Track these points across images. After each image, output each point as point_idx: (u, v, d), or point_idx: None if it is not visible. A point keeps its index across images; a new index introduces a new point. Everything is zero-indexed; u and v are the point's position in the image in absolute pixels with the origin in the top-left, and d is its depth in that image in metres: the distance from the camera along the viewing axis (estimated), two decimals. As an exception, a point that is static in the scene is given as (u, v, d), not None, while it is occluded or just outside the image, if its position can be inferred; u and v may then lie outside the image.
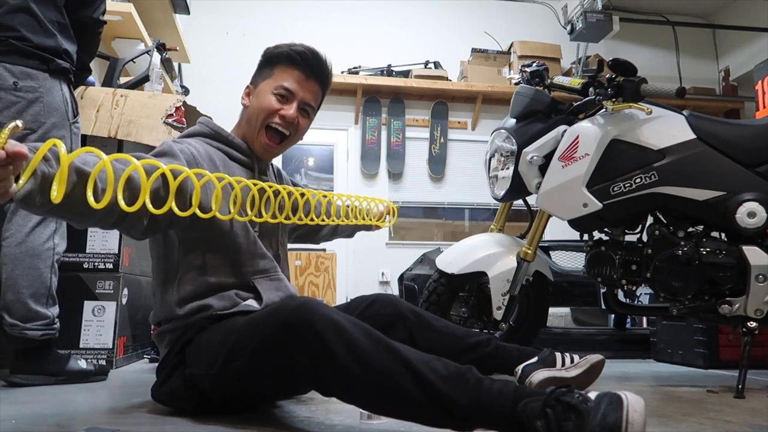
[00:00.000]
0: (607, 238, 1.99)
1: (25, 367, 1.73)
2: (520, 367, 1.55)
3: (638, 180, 1.85)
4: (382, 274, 4.77)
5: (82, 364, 1.83)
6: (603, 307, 2.15)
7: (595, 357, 1.60)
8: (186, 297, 1.32)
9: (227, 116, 1.54)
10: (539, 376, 1.51)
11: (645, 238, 1.98)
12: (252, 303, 1.36)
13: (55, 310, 1.79)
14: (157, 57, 2.72)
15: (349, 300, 1.68)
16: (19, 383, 1.71)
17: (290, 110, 1.45)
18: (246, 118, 1.49)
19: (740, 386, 1.75)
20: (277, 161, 2.13)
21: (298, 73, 1.47)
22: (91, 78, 2.33)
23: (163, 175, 1.05)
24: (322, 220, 1.66)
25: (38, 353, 1.75)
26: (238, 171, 1.43)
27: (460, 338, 1.56)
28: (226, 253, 1.36)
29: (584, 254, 2.01)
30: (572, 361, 1.58)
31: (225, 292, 1.34)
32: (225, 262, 1.36)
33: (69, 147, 1.85)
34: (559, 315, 3.94)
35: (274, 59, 1.48)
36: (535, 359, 1.56)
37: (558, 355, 1.58)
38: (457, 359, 1.12)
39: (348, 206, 1.82)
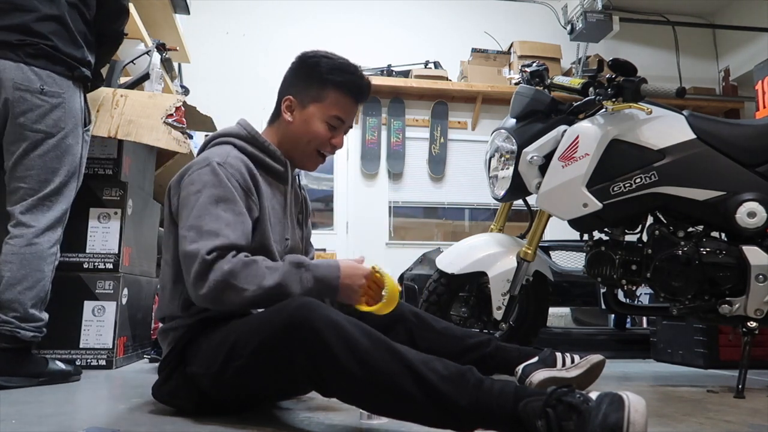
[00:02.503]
0: (607, 238, 1.99)
1: (5, 369, 1.71)
2: (521, 367, 1.55)
3: (638, 180, 1.85)
4: (382, 274, 4.76)
5: (61, 365, 1.83)
6: (603, 307, 2.15)
7: (596, 357, 1.60)
8: None
9: (227, 116, 1.54)
10: (539, 376, 1.51)
11: (645, 238, 1.98)
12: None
13: (45, 315, 1.79)
14: (157, 57, 2.72)
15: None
16: (1, 385, 1.68)
17: (340, 138, 1.48)
18: (290, 135, 1.46)
19: (740, 386, 1.75)
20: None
21: (352, 102, 1.46)
22: (90, 78, 2.33)
23: None
24: None
25: (21, 355, 1.73)
26: (269, 188, 1.41)
27: (460, 339, 1.56)
28: None
29: (584, 254, 2.01)
30: (573, 361, 1.58)
31: None
32: None
33: (80, 153, 1.87)
34: (559, 315, 3.94)
35: (328, 82, 1.43)
36: (535, 359, 1.56)
37: (558, 355, 1.58)
38: (458, 360, 1.12)
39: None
